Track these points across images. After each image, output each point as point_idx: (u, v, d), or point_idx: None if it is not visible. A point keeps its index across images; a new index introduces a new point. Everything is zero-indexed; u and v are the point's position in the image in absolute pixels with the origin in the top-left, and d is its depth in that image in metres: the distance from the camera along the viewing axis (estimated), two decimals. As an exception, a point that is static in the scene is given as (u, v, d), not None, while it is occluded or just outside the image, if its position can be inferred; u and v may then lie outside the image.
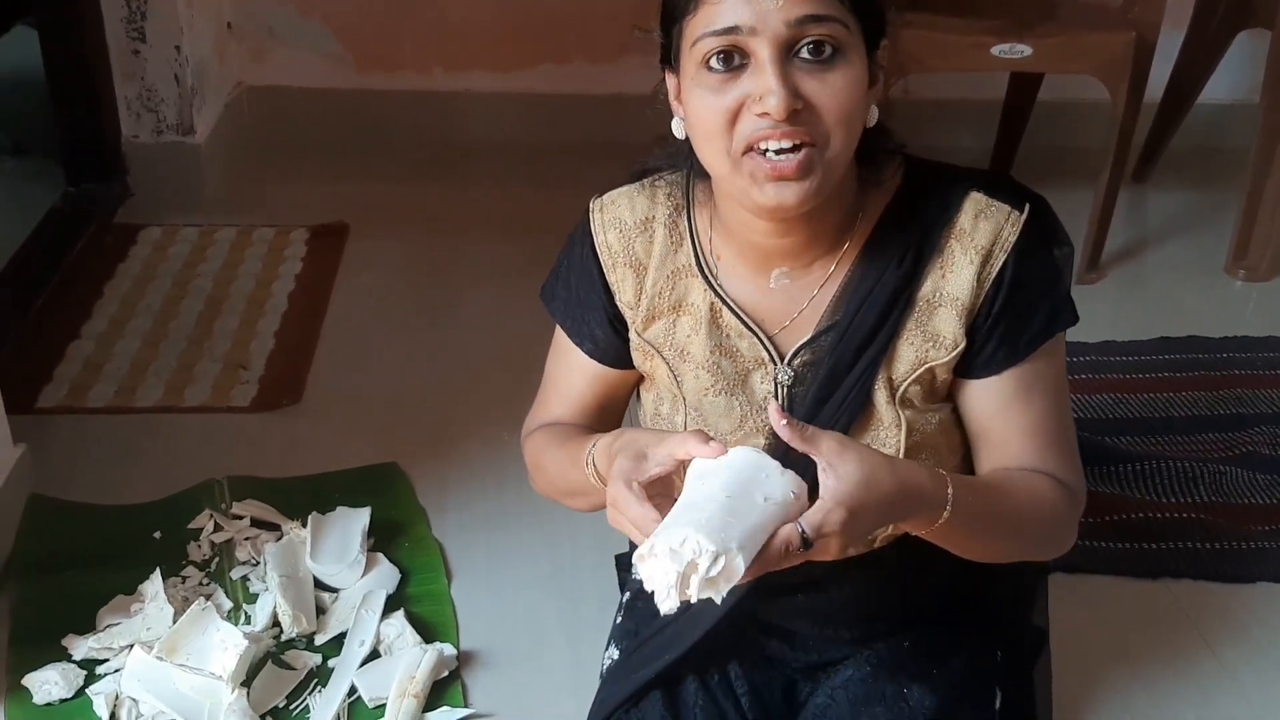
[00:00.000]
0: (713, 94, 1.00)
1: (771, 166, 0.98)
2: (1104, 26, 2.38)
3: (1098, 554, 1.85)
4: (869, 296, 1.10)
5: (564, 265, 1.23)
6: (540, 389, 1.31)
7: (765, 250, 1.11)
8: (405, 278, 2.53)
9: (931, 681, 1.20)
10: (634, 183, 1.19)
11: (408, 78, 3.11)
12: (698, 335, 1.15)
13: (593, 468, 1.11)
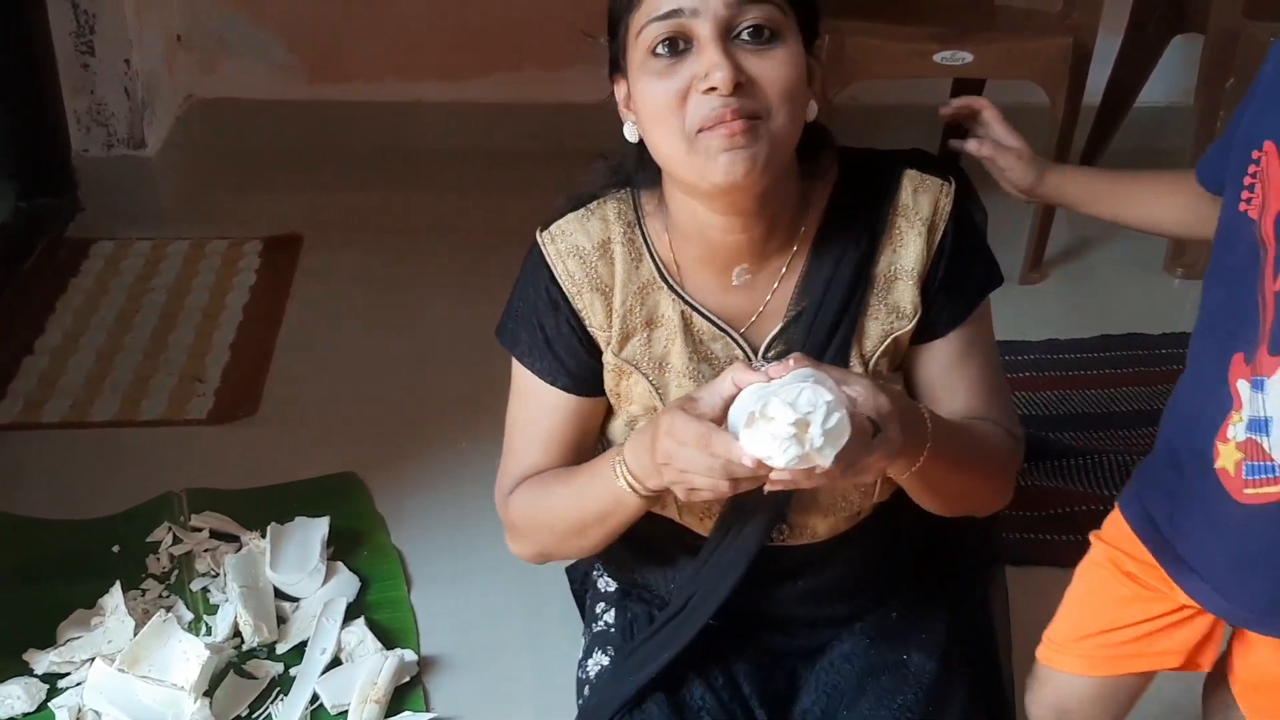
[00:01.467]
0: (660, 79, 1.04)
1: (728, 129, 1.01)
2: (1042, 32, 2.45)
3: (1044, 547, 1.90)
4: (832, 280, 1.15)
5: (521, 307, 1.22)
6: (507, 442, 1.27)
7: (725, 249, 1.15)
8: (360, 287, 2.54)
9: (924, 646, 1.27)
10: (576, 209, 1.19)
11: (360, 88, 3.12)
12: (675, 345, 1.17)
13: (623, 469, 1.10)
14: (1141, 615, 1.22)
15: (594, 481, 1.14)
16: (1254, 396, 1.04)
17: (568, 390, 1.21)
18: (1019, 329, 2.46)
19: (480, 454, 2.00)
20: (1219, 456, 1.08)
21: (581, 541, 1.21)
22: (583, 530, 1.19)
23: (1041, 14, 2.63)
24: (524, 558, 1.30)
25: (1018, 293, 2.64)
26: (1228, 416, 1.07)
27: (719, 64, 1.01)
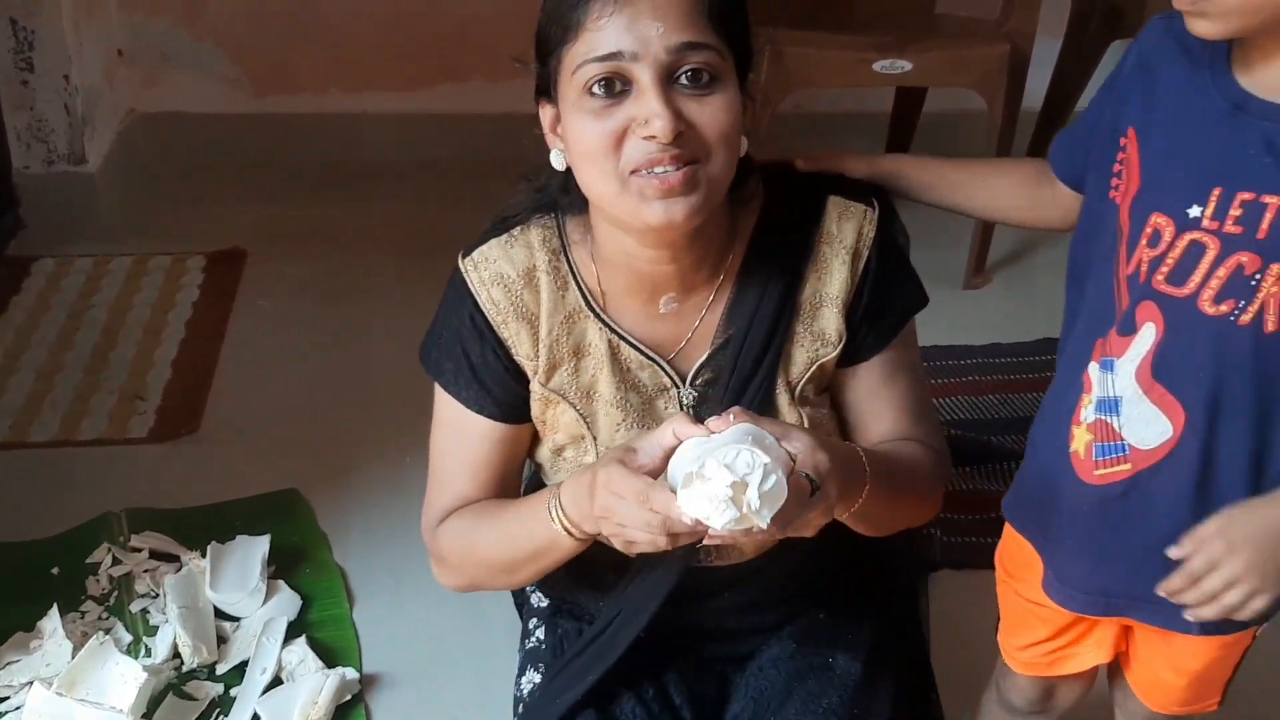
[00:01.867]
0: (595, 119, 1.02)
1: (660, 181, 1.01)
2: (980, 40, 2.47)
3: (986, 549, 1.92)
4: (758, 309, 1.15)
5: (445, 335, 1.19)
6: (432, 472, 1.25)
7: (652, 278, 1.14)
8: (304, 301, 2.53)
9: (850, 648, 1.27)
10: (499, 234, 1.17)
11: (305, 100, 3.10)
12: (602, 374, 1.16)
13: (559, 512, 1.09)
14: (1050, 631, 1.26)
15: (527, 522, 1.13)
16: (1103, 377, 1.07)
17: (494, 419, 1.19)
18: (962, 333, 2.49)
19: (425, 468, 1.99)
20: (1072, 440, 1.11)
21: (512, 578, 1.22)
22: (514, 568, 1.18)
23: (979, 22, 2.65)
24: (451, 588, 1.28)
25: (961, 297, 2.67)
26: (1079, 400, 1.10)
27: (659, 113, 0.99)
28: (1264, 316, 0.98)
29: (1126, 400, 1.05)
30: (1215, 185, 0.98)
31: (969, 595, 1.80)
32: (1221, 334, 0.99)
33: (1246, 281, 0.97)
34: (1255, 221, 0.96)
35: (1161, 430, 1.04)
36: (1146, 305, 1.02)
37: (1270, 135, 0.96)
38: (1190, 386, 1.02)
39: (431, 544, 1.25)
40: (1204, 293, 0.99)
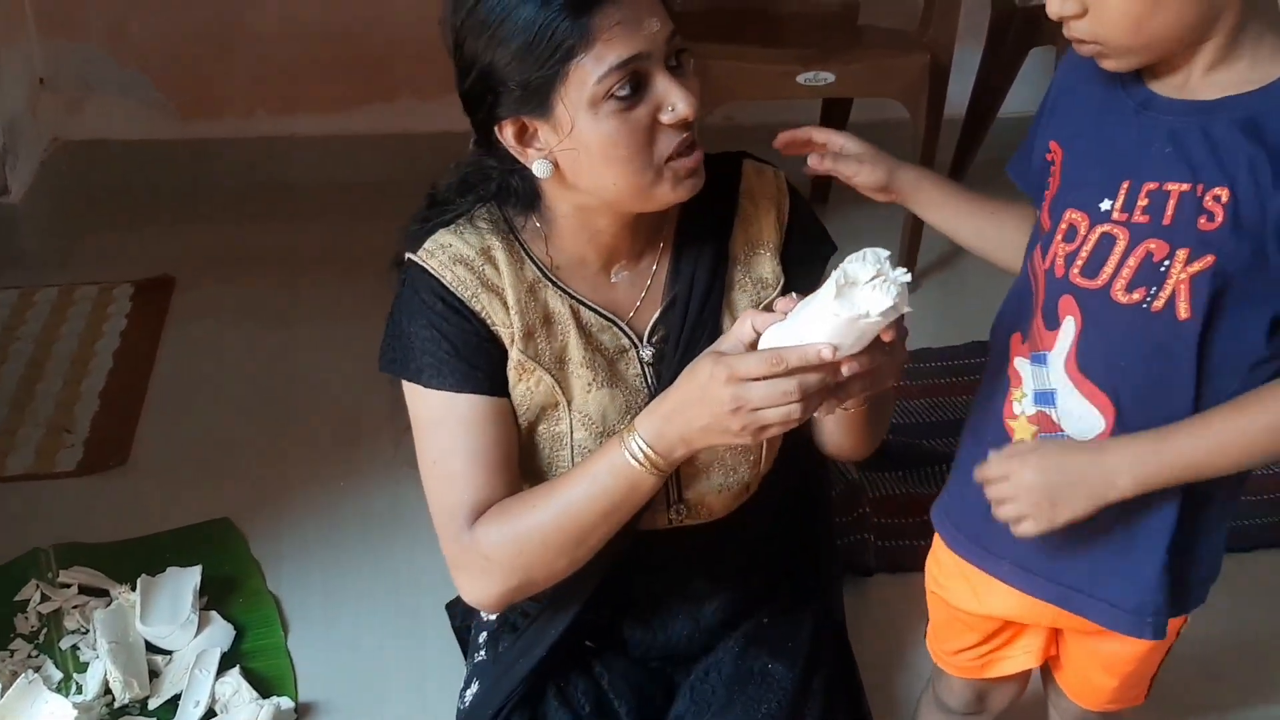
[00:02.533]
0: (623, 119, 1.08)
1: (691, 161, 1.12)
2: (900, 51, 2.51)
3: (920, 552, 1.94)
4: (696, 265, 1.24)
5: (412, 330, 1.19)
6: (436, 482, 1.21)
7: (608, 250, 1.22)
8: (234, 327, 2.50)
9: (789, 654, 1.33)
10: (438, 226, 1.20)
11: (232, 123, 3.08)
12: (570, 338, 1.21)
13: (640, 447, 1.09)
14: (978, 638, 1.28)
15: (595, 479, 1.12)
16: (1037, 371, 1.10)
17: (488, 394, 1.19)
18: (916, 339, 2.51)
19: (359, 491, 2.00)
20: (1014, 433, 1.13)
21: (578, 552, 1.17)
22: (584, 538, 1.15)
23: (900, 33, 2.70)
24: (489, 599, 1.21)
25: (894, 303, 2.70)
26: (1009, 394, 1.13)
27: (685, 97, 1.08)
28: (1175, 304, 1.01)
29: (1060, 393, 1.09)
30: (1124, 179, 1.02)
31: (906, 598, 1.83)
32: (1135, 322, 1.02)
33: (1156, 269, 1.01)
34: (1160, 210, 1.00)
35: (1094, 423, 1.08)
36: (1066, 299, 1.06)
37: (1173, 127, 1.01)
38: (1112, 377, 1.06)
39: (466, 553, 1.19)
40: (1116, 283, 1.03)
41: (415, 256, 1.19)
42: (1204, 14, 0.96)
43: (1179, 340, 1.02)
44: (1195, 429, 1.03)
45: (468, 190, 1.21)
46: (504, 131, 1.12)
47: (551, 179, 1.14)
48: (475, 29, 1.09)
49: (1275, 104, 0.97)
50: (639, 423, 1.10)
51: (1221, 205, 0.97)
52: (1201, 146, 0.99)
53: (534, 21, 1.05)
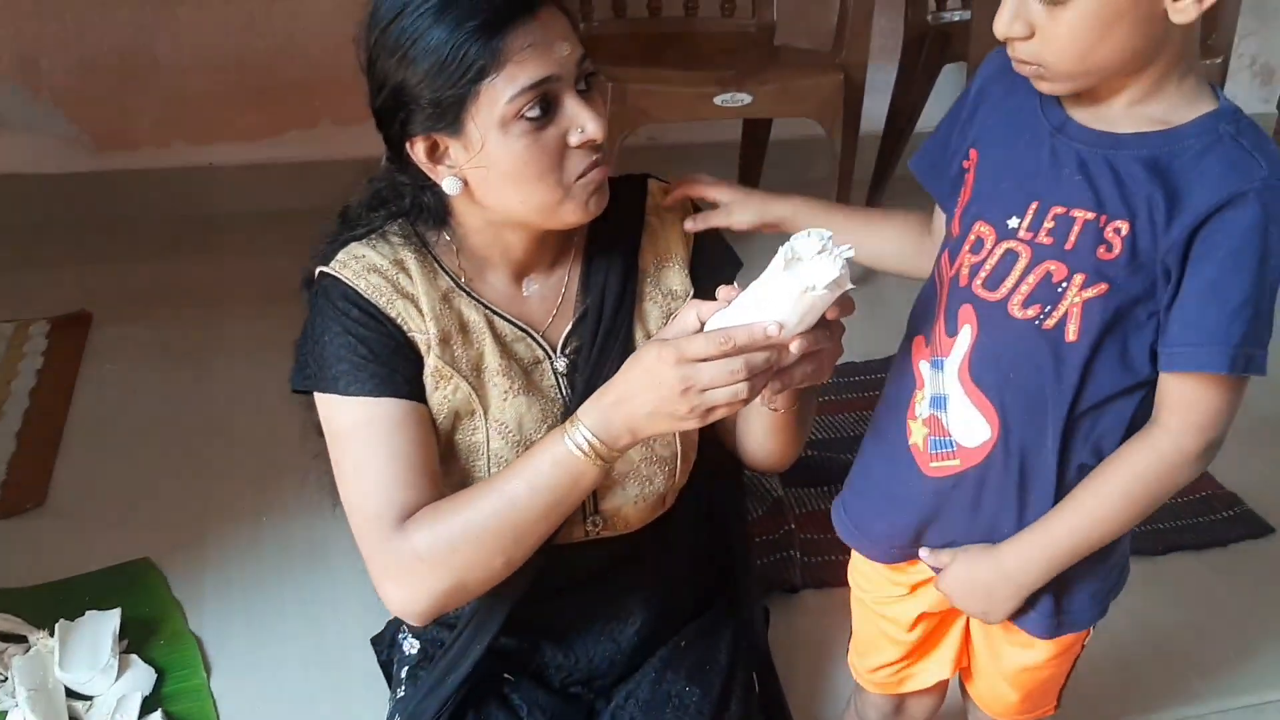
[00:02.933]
0: (532, 139, 1.10)
1: (597, 177, 1.15)
2: (815, 71, 2.55)
3: (842, 568, 1.96)
4: (606, 278, 1.27)
5: (325, 339, 1.18)
6: (355, 489, 1.17)
7: (519, 264, 1.25)
8: (155, 362, 2.46)
9: (705, 680, 1.35)
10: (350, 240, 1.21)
11: (148, 155, 3.03)
12: (486, 345, 1.22)
13: (585, 437, 1.08)
14: (899, 653, 1.30)
15: (537, 471, 1.11)
16: (934, 375, 1.13)
17: (406, 397, 1.18)
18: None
19: (280, 526, 1.98)
20: (911, 433, 1.16)
21: (516, 551, 1.14)
22: (524, 534, 1.13)
23: (815, 53, 2.73)
24: (418, 606, 1.16)
25: (816, 319, 2.73)
26: (913, 395, 1.16)
27: (593, 118, 1.11)
28: (1065, 325, 1.04)
29: (951, 399, 1.12)
30: (1033, 199, 1.05)
31: (833, 614, 1.84)
32: (1026, 337, 1.05)
33: (1053, 289, 1.04)
34: (1065, 234, 1.03)
35: (981, 431, 1.11)
36: (966, 308, 1.09)
37: (1083, 155, 1.03)
38: (1000, 389, 1.09)
39: (393, 557, 1.15)
40: (1014, 297, 1.06)
41: (328, 268, 1.19)
42: (1147, 48, 0.98)
43: (1064, 361, 1.05)
44: (1066, 516, 1.09)
45: (379, 206, 1.23)
46: (415, 148, 1.14)
47: (462, 195, 1.16)
48: (388, 49, 1.11)
49: (1180, 147, 1.00)
50: (582, 413, 1.10)
51: (1121, 237, 1.00)
52: (1108, 178, 1.01)
53: (446, 42, 1.07)
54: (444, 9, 1.08)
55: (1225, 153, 0.98)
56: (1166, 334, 1.02)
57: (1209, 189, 0.97)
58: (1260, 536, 2.07)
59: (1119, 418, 1.08)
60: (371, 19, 1.13)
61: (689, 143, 3.24)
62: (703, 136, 3.23)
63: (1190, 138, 1.00)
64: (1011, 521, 1.13)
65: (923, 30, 2.97)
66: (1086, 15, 0.95)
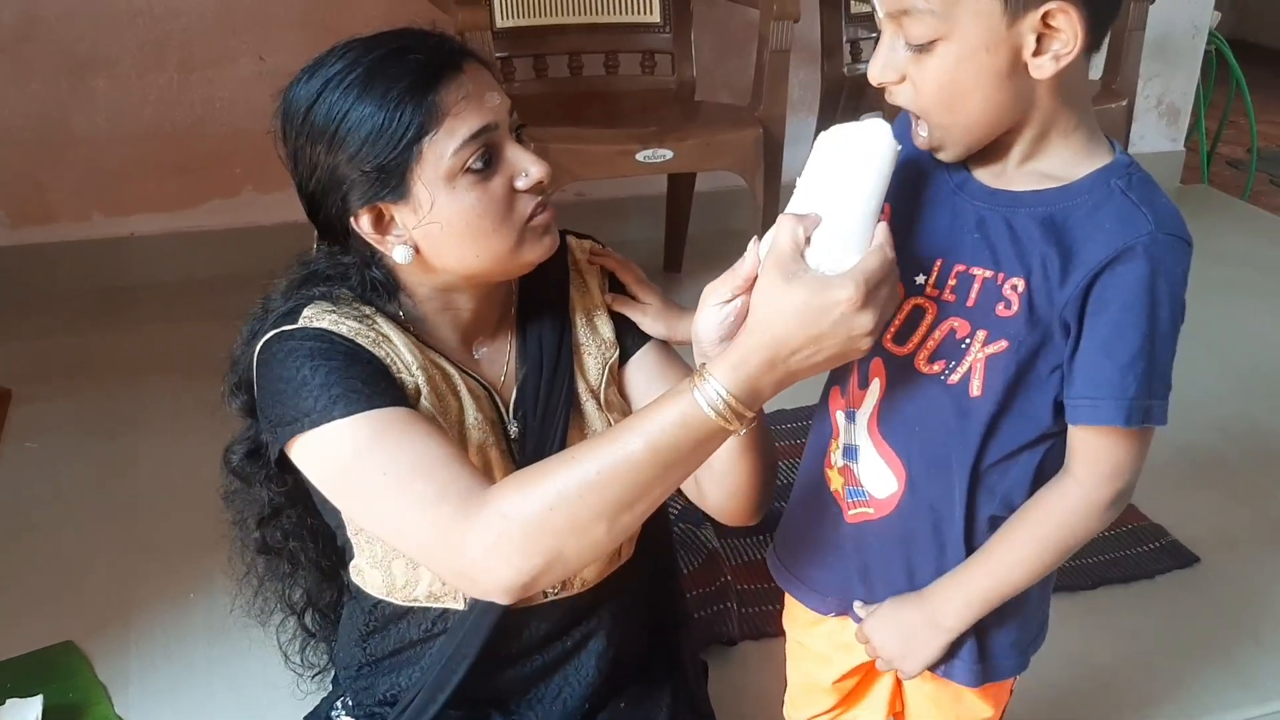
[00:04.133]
0: (482, 190, 1.10)
1: (545, 219, 1.15)
2: (735, 125, 2.59)
3: (779, 618, 1.95)
4: (542, 333, 1.27)
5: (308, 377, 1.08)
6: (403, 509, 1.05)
7: (468, 328, 1.23)
8: (76, 438, 2.41)
9: None
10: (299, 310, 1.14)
11: (66, 228, 3.00)
12: (464, 398, 1.20)
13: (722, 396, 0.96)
14: (834, 700, 1.31)
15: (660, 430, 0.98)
16: (847, 425, 1.14)
17: (414, 406, 1.12)
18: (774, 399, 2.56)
19: (208, 602, 1.93)
20: (830, 481, 1.18)
21: (623, 518, 1.01)
22: (636, 497, 1.00)
23: (735, 108, 2.78)
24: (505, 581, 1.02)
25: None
26: (829, 443, 1.17)
27: (537, 161, 1.12)
28: (970, 381, 1.05)
29: (861, 450, 1.13)
30: (937, 256, 1.06)
31: (771, 665, 1.82)
32: (931, 392, 1.06)
33: (957, 345, 1.05)
34: (966, 291, 1.04)
35: (889, 483, 1.11)
36: (877, 361, 1.09)
37: (981, 214, 1.04)
38: (906, 442, 1.09)
39: (474, 529, 1.02)
40: (920, 353, 1.07)
41: (292, 327, 1.11)
42: (1015, 103, 0.99)
43: (968, 416, 1.06)
44: (985, 562, 1.10)
45: (318, 284, 1.17)
46: (360, 222, 1.12)
47: (412, 264, 1.14)
48: (313, 135, 1.09)
49: (1072, 204, 1.01)
50: (714, 369, 0.97)
51: (1018, 294, 1.02)
52: (1004, 237, 1.03)
53: (379, 110, 1.07)
54: (369, 79, 1.07)
55: (1115, 208, 1.00)
56: (1070, 387, 1.03)
57: (1099, 244, 0.99)
58: (1186, 566, 2.10)
59: (1025, 470, 1.09)
60: (287, 111, 1.11)
61: (617, 197, 3.27)
62: (629, 191, 3.26)
63: (1083, 194, 1.01)
64: (930, 571, 1.14)
65: (839, 82, 3.04)
66: (948, 64, 0.96)
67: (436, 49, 1.10)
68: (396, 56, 1.08)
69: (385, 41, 1.11)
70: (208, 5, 2.90)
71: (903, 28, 0.97)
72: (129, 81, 2.91)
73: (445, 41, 1.13)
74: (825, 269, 0.96)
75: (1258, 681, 1.85)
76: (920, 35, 0.96)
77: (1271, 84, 5.05)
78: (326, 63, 1.10)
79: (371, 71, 1.08)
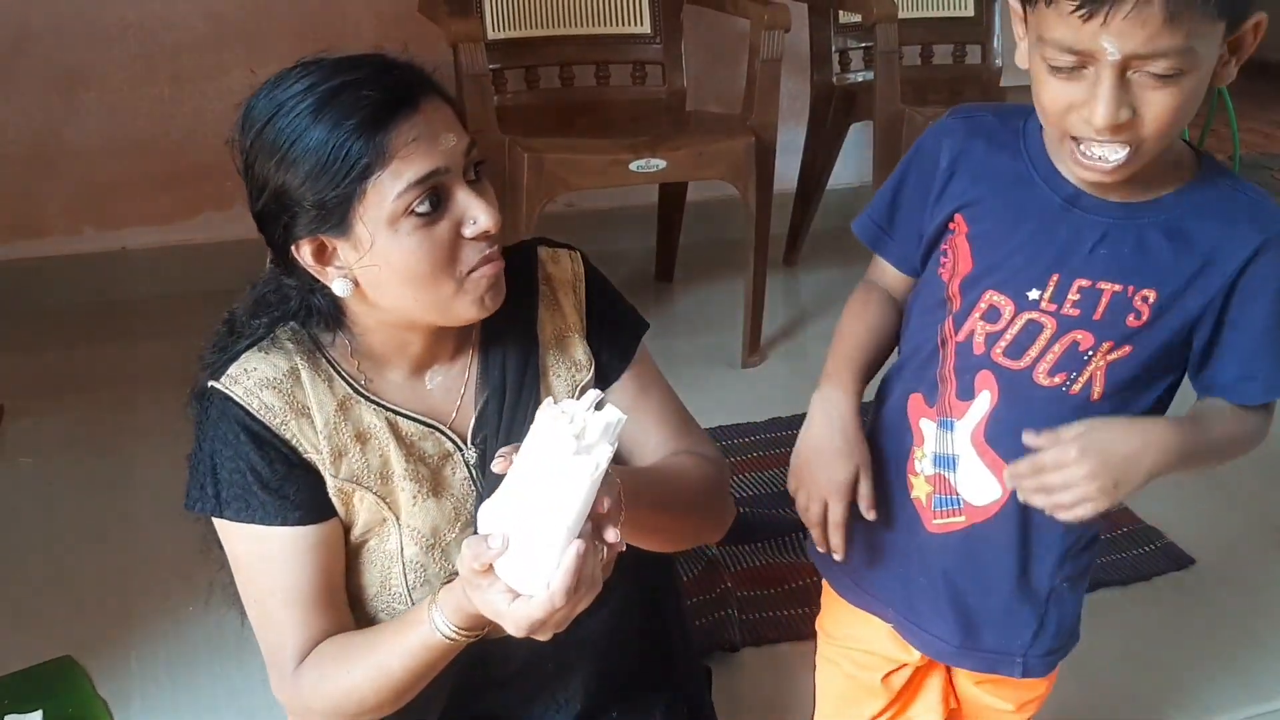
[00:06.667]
0: (425, 235, 1.07)
1: (491, 271, 1.11)
2: (726, 134, 2.59)
3: (782, 623, 1.97)
4: (505, 357, 1.23)
5: (216, 464, 1.14)
6: (259, 624, 1.18)
7: (419, 359, 1.20)
8: (71, 453, 2.40)
9: None
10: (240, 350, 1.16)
11: (57, 242, 2.98)
12: (390, 451, 1.18)
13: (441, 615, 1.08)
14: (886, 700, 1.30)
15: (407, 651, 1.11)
16: (941, 435, 1.14)
17: (302, 523, 1.15)
18: (743, 410, 2.58)
19: (208, 616, 1.92)
20: (913, 488, 1.18)
21: (401, 701, 1.16)
22: (404, 693, 1.14)
23: (726, 117, 2.79)
24: None
25: (738, 376, 2.76)
26: (912, 451, 1.17)
27: (487, 209, 1.09)
28: (1091, 387, 1.08)
29: (962, 460, 1.13)
30: (1053, 271, 1.07)
31: (774, 671, 1.85)
32: (1053, 403, 1.08)
33: (1080, 357, 1.07)
34: (1093, 306, 1.06)
35: (992, 490, 1.13)
36: (984, 374, 1.10)
37: (1106, 229, 1.05)
38: (1018, 451, 1.08)
39: (293, 698, 1.17)
40: (1039, 366, 1.08)
41: (218, 384, 1.14)
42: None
43: (1087, 417, 1.06)
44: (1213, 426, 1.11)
45: (265, 311, 1.17)
46: (301, 251, 1.10)
47: (354, 295, 1.12)
48: (266, 151, 1.07)
49: (1191, 208, 1.04)
50: (443, 600, 1.08)
51: (1149, 305, 1.05)
52: (1131, 248, 1.05)
53: (327, 142, 1.04)
54: (322, 107, 1.04)
55: (1241, 206, 1.04)
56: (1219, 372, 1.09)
57: (1237, 243, 1.03)
58: (1182, 569, 2.12)
59: None
60: (245, 121, 1.09)
61: (607, 208, 3.28)
62: (621, 201, 3.27)
63: (1199, 196, 1.04)
64: (1010, 577, 1.16)
65: (829, 91, 3.06)
66: (1185, 94, 0.95)
67: (395, 85, 1.06)
68: (353, 88, 1.05)
69: (345, 69, 1.07)
70: (199, 18, 2.90)
71: (1139, 66, 0.93)
72: (120, 95, 2.90)
73: (407, 75, 1.09)
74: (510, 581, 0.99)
75: (1255, 680, 1.86)
76: (1162, 72, 0.93)
77: (1253, 92, 5.07)
78: (285, 81, 1.08)
79: (325, 101, 1.04)
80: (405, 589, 1.19)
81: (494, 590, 0.98)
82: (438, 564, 1.20)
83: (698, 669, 1.55)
